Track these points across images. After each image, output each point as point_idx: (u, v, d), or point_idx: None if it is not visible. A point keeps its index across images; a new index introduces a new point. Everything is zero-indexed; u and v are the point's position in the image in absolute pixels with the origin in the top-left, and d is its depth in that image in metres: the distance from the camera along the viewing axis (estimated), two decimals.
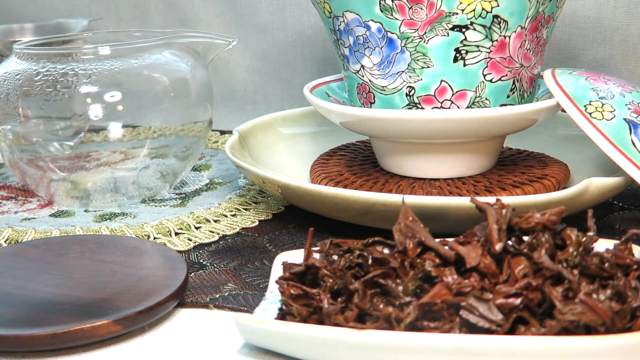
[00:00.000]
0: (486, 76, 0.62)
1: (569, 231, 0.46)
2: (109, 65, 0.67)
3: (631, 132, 0.59)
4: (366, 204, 0.58)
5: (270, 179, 0.62)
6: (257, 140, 0.75)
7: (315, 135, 0.78)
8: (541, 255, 0.44)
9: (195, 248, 0.62)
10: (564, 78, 0.64)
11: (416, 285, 0.44)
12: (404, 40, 0.61)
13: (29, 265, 0.55)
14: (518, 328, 0.42)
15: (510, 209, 0.47)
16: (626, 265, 0.45)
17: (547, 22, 0.63)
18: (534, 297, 0.43)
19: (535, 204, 0.55)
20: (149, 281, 0.52)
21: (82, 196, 0.69)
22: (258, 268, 0.58)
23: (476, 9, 0.59)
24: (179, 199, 0.71)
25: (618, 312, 0.42)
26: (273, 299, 0.49)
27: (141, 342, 0.49)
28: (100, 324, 0.47)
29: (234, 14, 0.99)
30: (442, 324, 0.43)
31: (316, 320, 0.45)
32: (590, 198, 0.58)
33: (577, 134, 0.73)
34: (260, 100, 0.99)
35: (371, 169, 0.68)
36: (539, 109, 0.62)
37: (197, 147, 0.71)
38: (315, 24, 0.95)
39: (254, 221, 0.66)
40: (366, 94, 0.65)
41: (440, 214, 0.56)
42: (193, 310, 0.53)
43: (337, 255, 0.49)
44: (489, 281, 0.44)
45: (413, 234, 0.47)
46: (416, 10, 0.60)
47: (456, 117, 0.60)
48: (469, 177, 0.66)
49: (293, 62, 0.97)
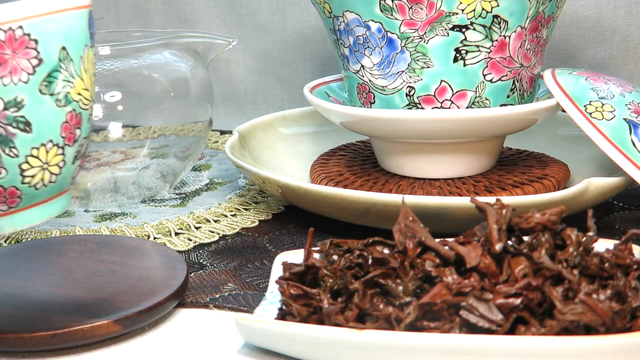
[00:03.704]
0: (486, 76, 0.62)
1: (569, 231, 0.46)
2: (108, 65, 0.67)
3: (631, 132, 0.59)
4: (366, 204, 0.58)
5: (270, 179, 0.62)
6: (257, 140, 0.75)
7: (315, 135, 0.78)
8: (541, 255, 0.44)
9: (195, 248, 0.62)
10: (564, 78, 0.64)
11: (416, 285, 0.44)
12: (404, 40, 0.61)
13: (29, 265, 0.55)
14: (518, 328, 0.42)
15: (510, 209, 0.47)
16: (626, 265, 0.45)
17: (547, 22, 0.63)
18: (534, 297, 0.43)
19: (535, 204, 0.55)
20: (149, 281, 0.52)
21: (82, 196, 0.69)
22: (258, 268, 0.58)
23: (476, 9, 0.59)
24: (179, 199, 0.71)
25: (618, 312, 0.42)
26: (273, 299, 0.49)
27: (141, 342, 0.49)
28: (100, 324, 0.47)
29: (234, 14, 0.99)
30: (442, 324, 0.43)
31: (316, 320, 0.45)
32: (590, 198, 0.58)
33: (577, 134, 0.73)
34: (260, 100, 0.99)
35: (371, 169, 0.68)
36: (539, 109, 0.62)
37: (197, 147, 0.71)
38: (315, 24, 0.95)
39: (254, 221, 0.66)
40: (366, 94, 0.65)
41: (440, 214, 0.56)
42: (193, 310, 0.53)
43: (337, 255, 0.49)
44: (489, 281, 0.44)
45: (413, 234, 0.47)
46: (416, 10, 0.60)
47: (456, 117, 0.60)
48: (469, 177, 0.66)
49: (293, 62, 0.97)
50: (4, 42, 0.43)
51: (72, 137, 0.47)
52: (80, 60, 0.47)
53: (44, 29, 0.44)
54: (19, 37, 0.43)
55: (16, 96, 0.44)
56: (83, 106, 0.47)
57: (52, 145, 0.46)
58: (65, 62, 0.45)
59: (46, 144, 0.45)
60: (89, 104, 0.48)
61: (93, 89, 0.49)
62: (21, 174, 0.45)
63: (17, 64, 0.44)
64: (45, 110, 0.45)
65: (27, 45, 0.44)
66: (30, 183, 0.46)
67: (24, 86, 0.44)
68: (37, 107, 0.45)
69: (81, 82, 0.47)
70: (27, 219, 0.48)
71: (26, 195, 0.46)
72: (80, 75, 0.47)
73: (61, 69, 0.45)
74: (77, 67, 0.46)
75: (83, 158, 0.49)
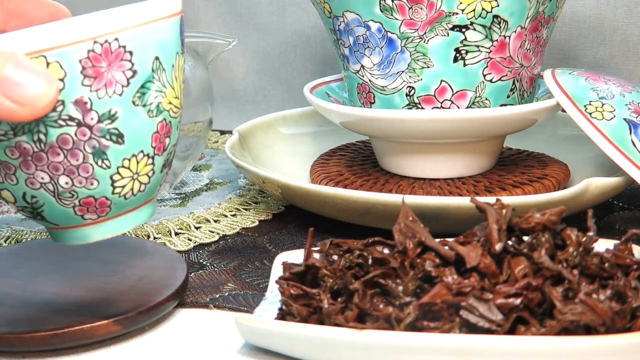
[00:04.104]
0: (486, 76, 0.62)
1: (569, 231, 0.46)
2: None
3: (631, 132, 0.59)
4: (366, 204, 0.58)
5: (270, 179, 0.62)
6: (257, 140, 0.75)
7: (315, 135, 0.78)
8: (541, 255, 0.44)
9: (195, 248, 0.62)
10: (564, 78, 0.64)
11: (416, 285, 0.44)
12: (404, 40, 0.61)
13: (29, 265, 0.55)
14: (518, 328, 0.42)
15: (510, 209, 0.47)
16: (626, 265, 0.45)
17: (547, 22, 0.63)
18: (534, 297, 0.43)
19: (535, 204, 0.55)
20: (149, 281, 0.52)
21: None
22: (258, 268, 0.58)
23: (476, 9, 0.59)
24: (179, 199, 0.71)
25: (618, 312, 0.42)
26: (273, 299, 0.49)
27: (141, 342, 0.49)
28: (100, 324, 0.47)
29: (234, 14, 0.99)
30: (442, 324, 0.43)
31: (316, 320, 0.45)
32: (590, 198, 0.58)
33: (577, 134, 0.73)
34: (260, 100, 0.99)
35: (371, 169, 0.68)
36: (539, 109, 0.62)
37: (197, 147, 0.71)
38: (315, 24, 0.95)
39: (254, 221, 0.66)
40: (366, 94, 0.65)
41: (440, 214, 0.56)
42: (193, 310, 0.53)
43: (337, 255, 0.49)
44: (489, 281, 0.44)
45: (413, 234, 0.47)
46: (416, 10, 0.60)
47: (456, 117, 0.60)
48: (469, 177, 0.66)
49: (293, 62, 0.97)
50: (100, 55, 0.42)
51: (162, 146, 0.46)
52: (172, 69, 0.46)
53: (139, 41, 0.44)
54: (115, 50, 0.43)
55: (110, 109, 0.43)
56: (173, 115, 0.47)
57: (143, 155, 0.45)
58: (158, 72, 0.45)
59: (137, 154, 0.45)
60: (178, 112, 0.47)
61: (182, 97, 0.48)
62: (112, 185, 0.45)
63: (112, 77, 0.43)
64: (137, 121, 0.44)
65: (123, 57, 0.43)
66: (120, 193, 0.46)
67: (118, 98, 0.43)
68: (130, 118, 0.44)
69: (172, 91, 0.46)
70: (113, 227, 0.48)
71: (116, 205, 0.46)
72: (172, 84, 0.46)
73: (154, 80, 0.45)
74: (169, 76, 0.46)
75: (170, 165, 0.49)
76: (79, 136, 0.43)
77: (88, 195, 0.45)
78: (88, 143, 0.44)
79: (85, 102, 0.43)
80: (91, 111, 0.43)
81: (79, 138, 0.43)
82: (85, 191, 0.45)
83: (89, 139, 0.44)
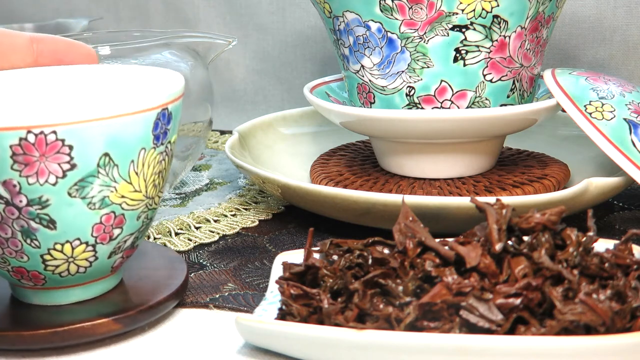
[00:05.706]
0: (486, 76, 0.62)
1: (569, 231, 0.46)
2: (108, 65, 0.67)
3: (631, 132, 0.59)
4: (366, 204, 0.58)
5: (270, 179, 0.62)
6: (257, 140, 0.75)
7: (315, 135, 0.79)
8: (541, 255, 0.44)
9: (195, 248, 0.62)
10: (564, 78, 0.64)
11: (416, 285, 0.44)
12: (404, 40, 0.61)
13: None
14: (518, 328, 0.42)
15: (510, 209, 0.47)
16: (626, 265, 0.45)
17: (547, 22, 0.63)
18: (534, 297, 0.43)
19: (535, 204, 0.55)
20: (149, 281, 0.52)
21: None
22: (258, 268, 0.58)
23: (476, 9, 0.59)
24: (179, 199, 0.71)
25: (618, 312, 0.42)
26: (273, 299, 0.49)
27: (141, 342, 0.49)
28: (100, 322, 0.47)
29: (234, 14, 0.99)
30: (442, 324, 0.43)
31: (316, 320, 0.45)
32: (590, 198, 0.58)
33: (577, 134, 0.73)
34: (260, 100, 0.99)
35: (371, 169, 0.68)
36: (539, 109, 0.62)
37: (197, 147, 0.71)
38: (315, 24, 0.95)
39: (254, 221, 0.66)
40: (366, 94, 0.65)
41: (440, 214, 0.56)
42: (193, 310, 0.53)
43: (337, 255, 0.49)
44: (489, 281, 0.44)
45: (413, 234, 0.47)
46: (416, 10, 0.60)
47: (456, 117, 0.60)
48: (469, 177, 0.66)
49: (293, 62, 0.97)
50: (33, 145, 0.42)
51: (108, 236, 0.46)
52: (130, 164, 0.45)
53: (81, 135, 0.43)
54: (50, 142, 0.42)
55: (41, 195, 0.43)
56: (128, 207, 0.46)
57: (81, 243, 0.45)
58: (106, 168, 0.44)
59: (72, 241, 0.45)
60: (138, 204, 0.46)
61: (152, 188, 0.47)
62: (43, 263, 0.45)
63: (45, 167, 0.42)
64: (73, 211, 0.44)
65: (60, 150, 0.42)
66: (53, 271, 0.46)
67: (50, 188, 0.43)
68: (64, 207, 0.44)
69: (128, 186, 0.45)
70: (54, 297, 0.48)
71: (51, 280, 0.47)
72: (128, 179, 0.45)
73: (99, 175, 0.44)
74: (122, 172, 0.44)
75: (132, 249, 0.49)
76: (7, 213, 0.44)
77: (19, 266, 0.46)
78: (16, 222, 0.44)
79: (15, 185, 0.43)
80: (20, 194, 0.43)
81: (7, 215, 0.44)
82: (16, 262, 0.46)
83: (17, 218, 0.44)
